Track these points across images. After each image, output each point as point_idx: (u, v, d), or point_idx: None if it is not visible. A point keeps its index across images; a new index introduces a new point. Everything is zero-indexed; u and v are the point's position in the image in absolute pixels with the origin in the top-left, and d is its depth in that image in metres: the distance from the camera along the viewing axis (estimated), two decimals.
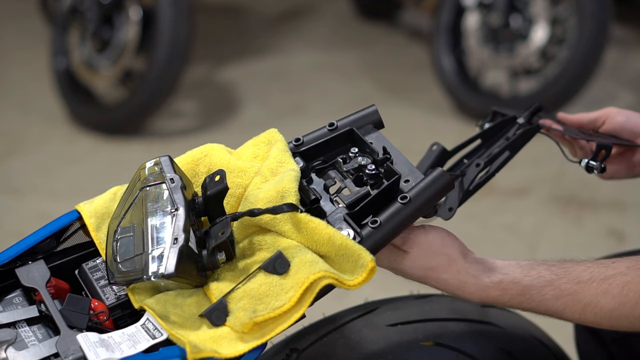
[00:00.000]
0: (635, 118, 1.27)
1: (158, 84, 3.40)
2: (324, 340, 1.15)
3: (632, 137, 1.27)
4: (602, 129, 1.29)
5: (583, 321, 1.00)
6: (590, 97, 3.57)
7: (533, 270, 1.00)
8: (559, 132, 1.27)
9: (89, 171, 3.38)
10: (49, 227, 1.05)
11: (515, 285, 1.00)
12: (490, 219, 2.90)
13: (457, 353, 1.13)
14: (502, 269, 1.02)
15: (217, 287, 0.98)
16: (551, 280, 0.99)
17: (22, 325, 0.97)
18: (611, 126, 1.28)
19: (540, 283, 0.99)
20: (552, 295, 0.99)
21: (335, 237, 0.97)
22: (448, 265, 1.01)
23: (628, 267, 0.98)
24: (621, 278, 0.97)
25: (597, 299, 0.98)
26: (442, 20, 3.63)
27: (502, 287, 1.00)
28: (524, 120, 1.26)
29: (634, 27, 4.38)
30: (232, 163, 1.08)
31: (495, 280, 1.01)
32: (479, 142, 1.29)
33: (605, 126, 1.28)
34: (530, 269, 1.01)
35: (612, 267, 0.99)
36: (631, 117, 1.27)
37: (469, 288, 1.01)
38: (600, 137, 1.26)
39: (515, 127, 1.26)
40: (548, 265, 1.01)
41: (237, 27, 4.70)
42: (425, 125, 3.59)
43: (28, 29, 4.68)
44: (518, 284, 1.00)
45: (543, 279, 1.00)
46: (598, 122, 1.29)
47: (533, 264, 1.02)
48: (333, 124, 1.11)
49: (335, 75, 4.11)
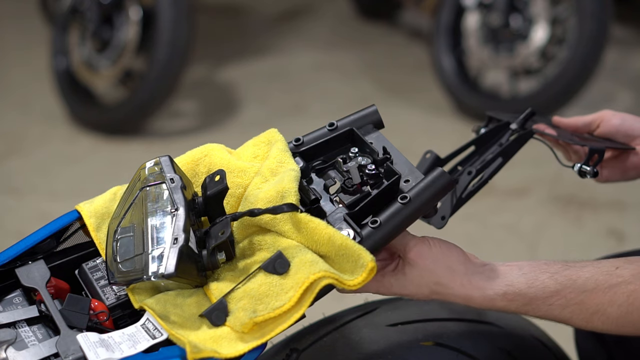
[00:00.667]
0: (630, 120, 1.27)
1: (158, 84, 3.40)
2: (324, 340, 1.15)
3: (627, 140, 1.27)
4: (597, 132, 1.28)
5: (591, 328, 1.00)
6: (590, 97, 3.57)
7: (537, 281, 1.00)
8: (553, 136, 1.26)
9: (89, 171, 3.38)
10: (49, 227, 1.05)
11: (520, 297, 1.00)
12: (490, 219, 2.90)
13: (457, 353, 1.13)
14: (505, 277, 1.01)
15: (217, 287, 0.98)
16: (556, 291, 0.99)
17: (22, 325, 0.97)
18: (606, 129, 1.27)
19: (545, 294, 0.99)
20: (559, 305, 0.99)
21: (335, 237, 0.97)
22: (452, 280, 1.01)
23: (633, 275, 0.97)
24: (626, 287, 0.97)
25: (604, 308, 0.98)
26: (442, 20, 3.63)
27: (507, 299, 1.00)
28: (517, 126, 1.25)
29: (634, 27, 4.38)
30: (232, 163, 1.08)
31: (499, 292, 1.00)
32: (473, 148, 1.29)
33: (600, 129, 1.28)
34: (534, 278, 1.00)
35: (617, 275, 0.98)
36: (626, 120, 1.27)
37: (476, 300, 1.01)
38: (594, 141, 1.26)
39: (508, 132, 1.25)
40: (551, 273, 1.00)
41: (237, 27, 4.70)
42: (425, 125, 3.59)
43: (28, 29, 4.68)
44: (524, 296, 1.00)
45: (548, 290, 0.99)
46: (593, 125, 1.29)
47: (536, 271, 1.01)
48: (333, 124, 1.11)
49: (335, 75, 4.11)
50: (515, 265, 1.02)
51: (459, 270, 1.01)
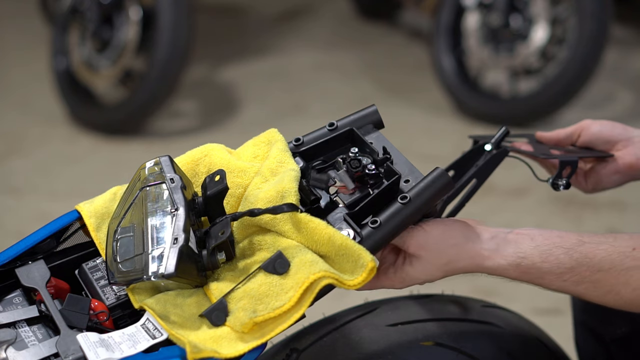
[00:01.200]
0: (609, 127, 1.27)
1: (158, 84, 3.40)
2: (324, 340, 1.15)
3: (607, 146, 1.27)
4: (578, 142, 1.29)
5: (603, 304, 1.02)
6: (590, 97, 3.57)
7: (551, 256, 1.00)
8: (528, 153, 1.27)
9: (89, 171, 3.38)
10: (49, 227, 1.05)
11: (534, 270, 1.00)
12: (490, 219, 2.90)
13: (457, 353, 1.13)
14: (517, 247, 1.01)
15: (217, 287, 0.98)
16: (571, 268, 0.99)
17: (22, 325, 0.97)
18: (587, 138, 1.28)
19: (560, 270, 0.99)
20: (573, 281, 1.00)
21: (335, 237, 0.97)
22: (460, 254, 1.01)
23: None
24: None
25: (618, 288, 0.99)
26: (442, 20, 3.63)
27: (521, 270, 1.00)
28: (492, 147, 1.26)
29: (634, 27, 4.38)
30: (232, 163, 1.08)
31: (512, 262, 1.00)
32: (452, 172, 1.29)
33: (581, 138, 1.28)
34: (548, 253, 1.00)
35: (633, 257, 0.98)
36: (605, 126, 1.27)
37: (488, 270, 1.01)
38: (572, 153, 1.26)
39: (484, 154, 1.26)
40: (565, 248, 1.00)
41: (237, 27, 4.70)
42: (425, 125, 3.59)
43: (28, 29, 4.68)
44: (538, 269, 1.00)
45: (563, 266, 0.99)
46: (574, 136, 1.29)
47: (550, 245, 1.00)
48: (333, 124, 1.11)
49: (335, 75, 4.11)
50: (527, 235, 1.02)
51: (466, 244, 1.01)
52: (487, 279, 1.11)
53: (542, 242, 1.01)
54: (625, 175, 1.27)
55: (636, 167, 1.26)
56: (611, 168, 1.27)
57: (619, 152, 1.26)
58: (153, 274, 0.94)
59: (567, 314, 1.42)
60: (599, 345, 1.33)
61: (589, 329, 1.35)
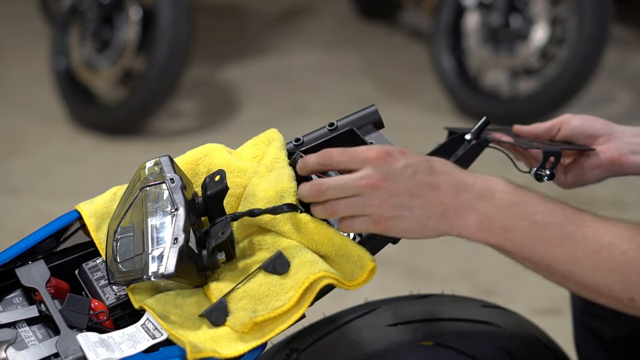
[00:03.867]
0: (590, 121, 1.25)
1: (158, 84, 3.40)
2: (324, 340, 1.15)
3: (589, 141, 1.25)
4: (558, 137, 1.26)
5: None
6: (590, 97, 3.56)
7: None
8: (509, 143, 1.25)
9: (89, 171, 3.38)
10: (49, 227, 1.05)
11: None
12: None
13: (457, 353, 1.13)
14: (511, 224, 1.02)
15: (217, 287, 0.98)
16: None
17: (22, 325, 0.97)
18: (567, 132, 1.25)
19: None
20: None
21: (335, 237, 0.97)
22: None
23: None
24: None
25: None
26: (442, 20, 3.63)
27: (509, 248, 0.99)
28: (472, 137, 1.24)
29: (634, 27, 4.38)
30: (232, 163, 1.08)
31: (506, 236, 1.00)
32: None
33: (561, 132, 1.26)
34: None
35: None
36: (586, 120, 1.25)
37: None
38: (553, 145, 1.24)
39: (464, 144, 1.25)
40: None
41: (237, 27, 4.70)
42: (425, 125, 3.59)
43: (28, 29, 4.68)
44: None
45: None
46: (554, 130, 1.27)
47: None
48: (333, 124, 1.11)
49: (335, 76, 4.11)
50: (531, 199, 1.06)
51: None
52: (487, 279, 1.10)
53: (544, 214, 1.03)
54: (606, 170, 1.24)
55: (618, 162, 1.23)
56: (593, 162, 1.24)
57: (601, 146, 1.24)
58: (153, 274, 0.94)
59: (567, 314, 1.42)
60: (599, 345, 1.33)
61: (589, 329, 1.35)
